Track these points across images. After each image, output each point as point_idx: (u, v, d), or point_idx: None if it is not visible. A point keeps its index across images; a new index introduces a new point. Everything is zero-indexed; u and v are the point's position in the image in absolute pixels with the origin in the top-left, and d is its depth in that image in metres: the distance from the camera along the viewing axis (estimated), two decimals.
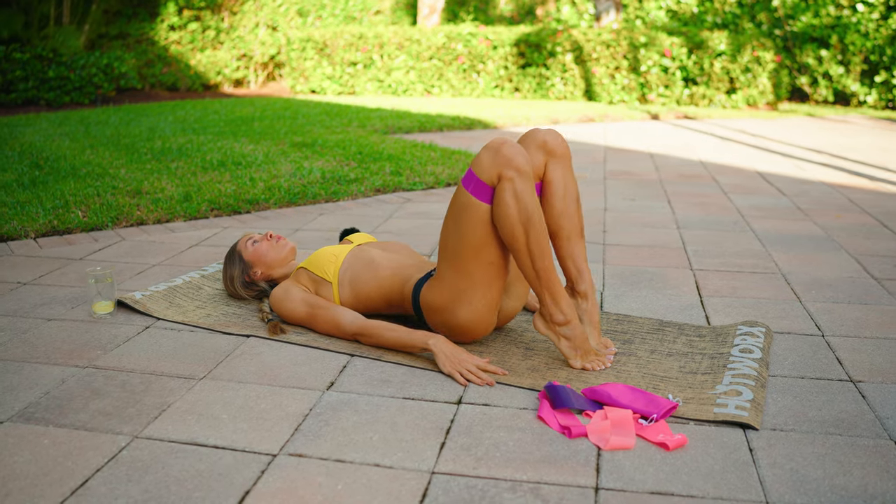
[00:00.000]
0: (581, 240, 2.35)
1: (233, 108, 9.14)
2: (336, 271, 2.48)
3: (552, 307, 2.19)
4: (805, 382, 2.16)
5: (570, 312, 2.21)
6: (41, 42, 10.27)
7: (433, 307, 2.30)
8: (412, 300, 2.37)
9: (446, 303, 2.25)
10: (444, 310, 2.27)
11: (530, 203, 2.10)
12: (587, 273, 2.35)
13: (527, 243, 2.12)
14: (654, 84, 10.45)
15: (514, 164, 2.09)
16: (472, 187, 2.14)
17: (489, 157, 2.11)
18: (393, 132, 7.37)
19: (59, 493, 1.63)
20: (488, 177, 2.11)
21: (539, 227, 2.12)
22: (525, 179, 2.10)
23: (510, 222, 2.10)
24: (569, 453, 1.79)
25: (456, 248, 2.20)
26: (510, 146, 2.11)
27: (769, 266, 3.24)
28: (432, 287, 2.30)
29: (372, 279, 2.46)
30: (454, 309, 2.25)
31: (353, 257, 2.52)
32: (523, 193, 2.09)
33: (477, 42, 11.18)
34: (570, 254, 2.34)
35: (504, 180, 2.09)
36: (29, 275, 3.04)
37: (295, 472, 1.70)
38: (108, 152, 5.72)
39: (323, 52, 11.90)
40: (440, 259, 2.26)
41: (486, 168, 2.11)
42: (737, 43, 10.26)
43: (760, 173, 5.57)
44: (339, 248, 2.57)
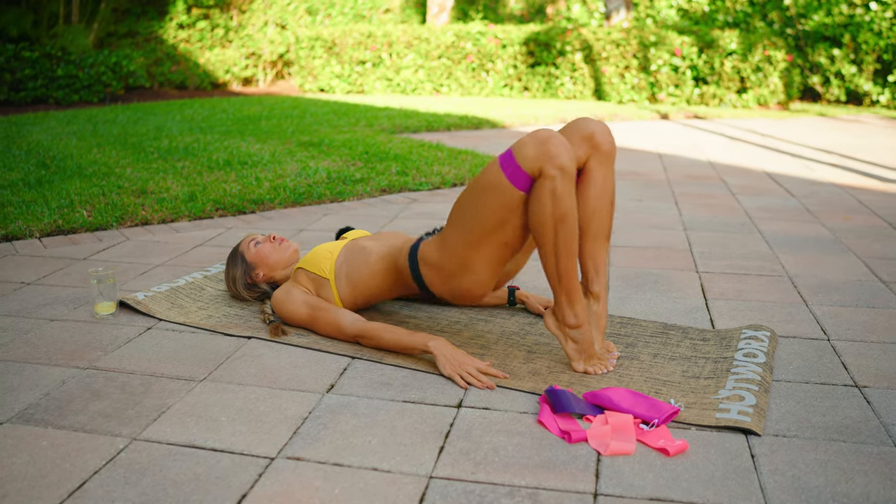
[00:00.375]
0: (606, 242, 2.33)
1: (240, 107, 9.16)
2: (332, 267, 2.49)
3: (566, 309, 2.18)
4: (809, 387, 2.14)
5: (584, 317, 2.20)
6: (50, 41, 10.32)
7: (433, 264, 2.27)
8: (409, 260, 2.33)
9: (448, 266, 2.24)
10: (445, 272, 2.25)
11: (568, 204, 2.06)
12: (604, 276, 2.33)
13: (555, 242, 2.09)
14: (664, 83, 10.41)
15: (558, 163, 2.04)
16: (509, 171, 2.08)
17: (534, 148, 2.05)
18: (400, 131, 7.37)
19: (56, 495, 1.63)
20: (529, 167, 2.06)
21: (571, 228, 2.09)
22: (567, 180, 2.05)
23: (543, 219, 2.07)
24: (568, 458, 1.78)
25: (472, 223, 2.16)
26: (557, 142, 2.05)
27: (776, 268, 3.22)
28: (434, 246, 2.27)
29: (365, 265, 2.45)
30: (456, 274, 2.24)
31: (346, 251, 2.52)
32: (563, 194, 2.05)
33: (486, 41, 11.17)
34: (592, 254, 2.31)
35: (545, 177, 2.04)
36: (33, 275, 3.05)
37: (292, 476, 1.70)
38: (114, 151, 5.74)
39: (332, 50, 11.92)
40: (450, 225, 2.22)
41: (529, 158, 2.05)
42: (748, 42, 10.22)
43: (769, 174, 5.54)
44: (333, 244, 2.58)
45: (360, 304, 2.53)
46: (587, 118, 2.28)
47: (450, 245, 2.23)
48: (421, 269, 2.32)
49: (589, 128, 2.24)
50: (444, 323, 2.59)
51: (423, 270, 2.31)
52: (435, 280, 2.30)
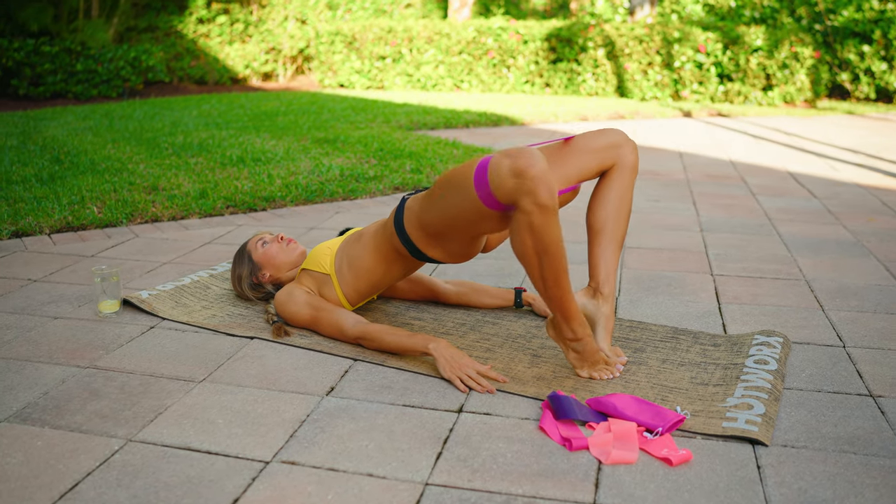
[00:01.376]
0: (619, 248, 2.32)
1: (258, 103, 9.19)
2: (332, 263, 2.48)
3: (563, 325, 2.15)
4: (821, 396, 2.10)
5: (582, 331, 2.15)
6: (70, 35, 10.41)
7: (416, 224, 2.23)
8: (395, 225, 2.28)
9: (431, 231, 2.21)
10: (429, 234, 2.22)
11: (549, 236, 1.94)
12: (613, 280, 2.31)
13: (540, 271, 2.02)
14: (687, 80, 10.31)
15: (534, 199, 1.89)
16: (482, 193, 1.99)
17: (509, 179, 1.90)
18: (418, 128, 7.36)
19: (48, 496, 1.63)
20: (502, 196, 1.94)
21: (554, 258, 1.98)
22: (546, 214, 1.91)
23: (524, 250, 2.00)
24: (568, 467, 1.76)
25: (448, 211, 2.11)
26: (535, 172, 1.88)
27: (793, 272, 3.17)
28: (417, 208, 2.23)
29: (362, 248, 2.43)
30: (440, 239, 2.22)
31: (345, 244, 2.51)
32: (542, 228, 1.93)
33: (507, 36, 11.13)
34: (603, 257, 2.30)
35: (521, 212, 1.92)
36: (40, 272, 3.07)
37: (286, 480, 1.69)
38: (129, 147, 5.78)
39: (352, 45, 11.93)
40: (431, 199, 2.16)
41: (504, 188, 1.92)
42: (774, 38, 10.10)
43: (792, 174, 5.46)
44: (333, 241, 2.58)
45: (364, 292, 2.48)
46: (619, 130, 2.33)
47: (430, 215, 2.18)
48: (407, 230, 2.26)
49: (619, 139, 2.30)
50: (449, 325, 2.58)
51: (409, 231, 2.25)
52: (422, 241, 2.25)
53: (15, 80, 9.59)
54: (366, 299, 2.55)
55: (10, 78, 9.73)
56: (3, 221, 3.64)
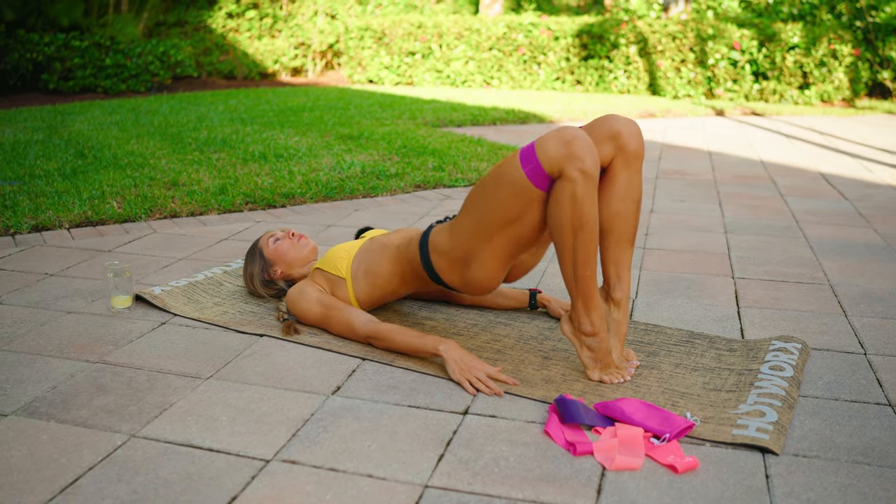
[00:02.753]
0: (630, 247, 2.27)
1: (286, 98, 9.25)
2: (348, 267, 2.48)
3: (583, 315, 2.14)
4: (838, 405, 2.07)
5: (600, 325, 2.15)
6: (100, 30, 10.56)
7: (442, 251, 2.24)
8: (419, 248, 2.30)
9: (458, 254, 2.20)
10: (455, 260, 2.22)
11: (588, 209, 2.01)
12: (627, 282, 2.28)
13: (573, 247, 2.05)
14: (721, 78, 10.20)
15: (580, 165, 1.98)
16: (529, 168, 2.03)
17: (557, 148, 1.99)
18: (444, 125, 7.36)
19: (48, 489, 1.66)
20: (550, 166, 2.00)
21: (590, 235, 2.04)
22: (589, 184, 1.99)
23: (561, 222, 2.03)
24: (571, 472, 1.75)
25: (486, 214, 2.13)
26: (582, 143, 1.99)
27: (817, 276, 3.12)
28: (446, 233, 2.24)
29: (382, 259, 2.44)
30: (466, 263, 2.21)
31: (364, 251, 2.51)
32: (583, 199, 2.00)
33: (538, 32, 11.08)
34: (615, 258, 2.27)
35: (566, 179, 1.99)
36: (56, 266, 3.12)
37: (285, 480, 1.70)
38: (153, 142, 5.85)
39: (381, 41, 11.96)
40: (464, 212, 2.19)
41: (551, 157, 2.00)
42: (812, 35, 9.95)
43: (823, 175, 5.38)
44: (350, 244, 2.58)
45: (376, 301, 2.52)
46: (615, 115, 2.21)
47: (461, 234, 2.19)
48: (431, 257, 2.28)
49: (616, 126, 2.17)
50: (461, 325, 2.57)
51: (433, 258, 2.28)
52: (444, 268, 2.26)
53: (45, 75, 9.75)
54: (375, 307, 2.57)
55: (41, 72, 9.89)
56: (24, 215, 3.71)
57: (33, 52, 9.64)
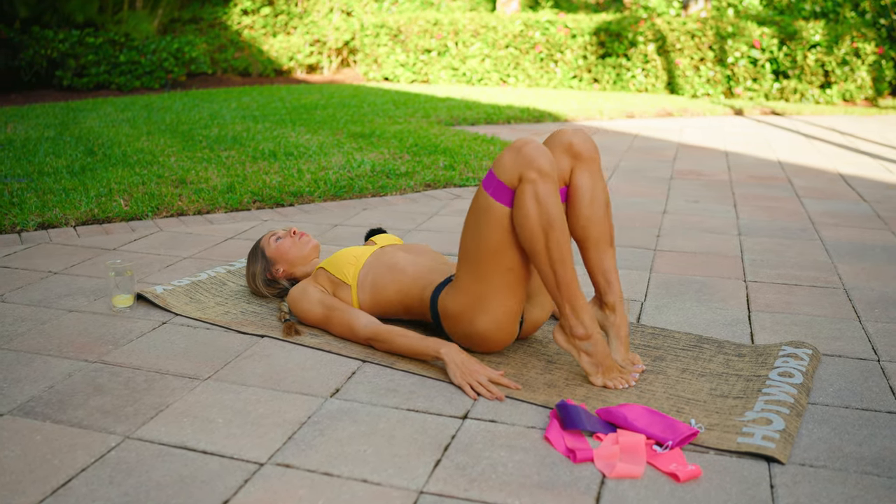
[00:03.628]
0: (610, 248, 2.27)
1: (299, 95, 9.27)
2: (356, 274, 2.47)
3: (572, 319, 2.12)
4: (848, 413, 2.03)
5: (592, 326, 2.13)
6: (114, 27, 10.62)
7: (451, 314, 2.26)
8: (431, 307, 2.33)
9: (464, 309, 2.21)
10: (462, 317, 2.23)
11: (552, 207, 2.04)
12: (616, 284, 2.27)
13: (547, 249, 2.05)
14: (741, 77, 10.12)
15: (535, 165, 2.04)
16: (492, 189, 2.10)
17: (511, 158, 2.07)
18: (457, 123, 7.34)
19: (40, 490, 1.66)
20: (509, 178, 2.07)
21: (560, 232, 2.06)
22: (547, 181, 2.04)
23: (529, 226, 2.05)
24: (570, 479, 1.72)
25: (474, 252, 2.16)
26: (533, 146, 2.06)
27: (832, 280, 3.08)
28: (450, 293, 2.26)
29: (392, 283, 2.43)
30: (472, 316, 2.21)
31: (375, 260, 2.49)
32: (545, 196, 2.04)
33: (555, 30, 11.04)
34: (598, 263, 2.27)
35: (525, 182, 2.05)
36: (61, 264, 3.13)
37: (278, 484, 1.69)
38: (163, 139, 5.87)
39: (397, 38, 11.95)
40: (459, 263, 2.22)
41: (507, 169, 2.07)
42: (834, 33, 9.84)
43: (842, 175, 5.31)
44: (360, 249, 2.56)
45: (375, 313, 2.50)
46: (564, 129, 2.29)
47: (460, 283, 2.22)
48: (442, 321, 2.31)
49: (566, 138, 2.24)
50: None
51: (442, 318, 2.31)
52: (453, 328, 2.29)
53: (59, 72, 9.82)
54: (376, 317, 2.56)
55: (55, 69, 9.96)
56: (31, 213, 3.72)
57: (48, 49, 9.71)
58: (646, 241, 3.59)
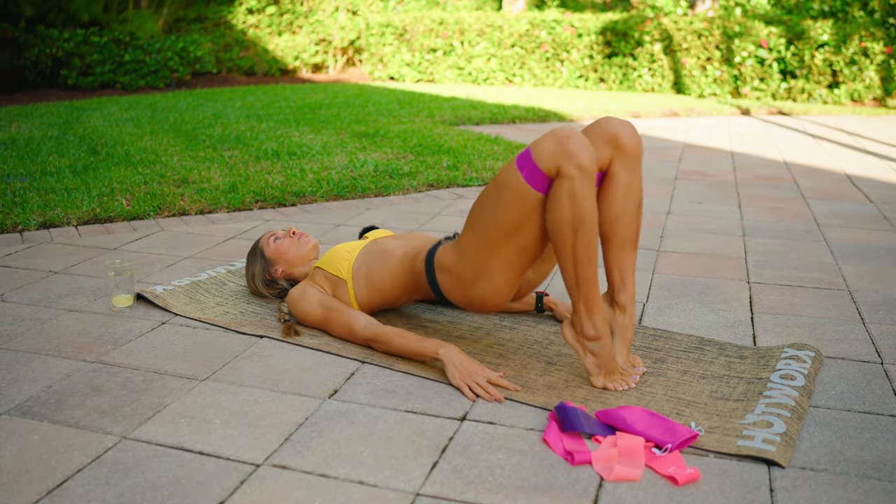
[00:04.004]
0: (633, 250, 2.26)
1: (304, 95, 9.27)
2: (349, 268, 2.47)
3: (585, 319, 2.12)
4: (850, 416, 2.02)
5: (603, 328, 2.13)
6: (119, 26, 10.64)
7: (448, 269, 2.24)
8: (425, 265, 2.30)
9: (464, 272, 2.20)
10: (461, 278, 2.21)
11: (587, 206, 2.01)
12: (631, 286, 2.26)
13: (573, 246, 2.03)
14: (748, 77, 10.09)
15: (577, 161, 1.98)
16: (526, 171, 2.04)
17: (552, 146, 2.01)
18: (462, 123, 7.34)
19: (35, 491, 1.66)
20: (547, 166, 2.01)
21: (590, 233, 2.03)
22: (586, 180, 2.00)
23: (560, 221, 2.02)
24: (568, 482, 1.72)
25: (489, 225, 2.12)
26: (577, 140, 2.00)
27: (836, 281, 3.06)
28: (451, 251, 2.24)
29: (384, 268, 2.43)
30: (472, 281, 2.19)
31: (366, 252, 2.50)
32: (582, 195, 2.00)
33: (561, 29, 11.02)
34: (618, 262, 2.25)
35: (563, 177, 2.00)
36: (61, 264, 3.14)
37: (274, 485, 1.69)
38: (166, 138, 5.88)
39: (402, 37, 11.95)
40: (467, 228, 2.19)
41: (546, 156, 2.01)
42: (842, 33, 9.81)
43: (849, 176, 5.29)
44: (352, 244, 2.56)
45: (376, 306, 2.51)
46: (611, 117, 2.21)
47: (466, 249, 2.19)
48: (437, 275, 2.28)
49: (612, 128, 2.17)
50: (464, 329, 2.55)
51: (438, 276, 2.28)
52: (450, 286, 2.27)
53: (64, 71, 9.85)
54: (376, 311, 2.55)
55: (60, 68, 9.99)
56: (33, 212, 3.73)
57: (53, 48, 9.73)
58: (649, 241, 3.58)
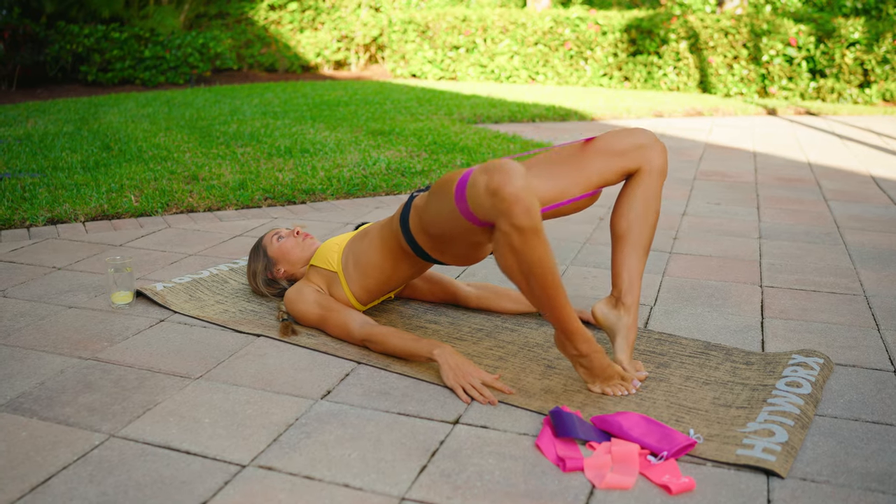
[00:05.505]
0: (644, 255, 2.26)
1: (323, 92, 9.30)
2: (339, 260, 2.46)
3: (566, 342, 2.07)
4: (857, 426, 1.98)
5: (587, 347, 2.06)
6: (140, 22, 10.73)
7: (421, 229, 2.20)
8: (401, 227, 2.25)
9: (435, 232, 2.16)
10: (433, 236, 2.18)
11: (531, 257, 1.86)
12: (637, 290, 2.24)
13: (530, 289, 1.96)
14: (776, 76, 9.97)
15: (513, 220, 1.81)
16: (462, 207, 1.97)
17: (486, 198, 1.84)
18: (480, 121, 7.31)
19: (19, 488, 1.66)
20: (482, 215, 1.91)
21: (542, 277, 1.90)
22: (525, 236, 1.83)
23: (508, 269, 1.94)
24: (558, 489, 1.70)
25: (439, 221, 2.09)
26: (512, 190, 1.80)
27: (852, 286, 3.01)
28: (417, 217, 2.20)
29: (368, 247, 2.40)
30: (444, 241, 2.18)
31: (352, 241, 2.49)
32: (522, 249, 1.85)
33: (585, 27, 10.97)
34: (627, 263, 2.24)
35: (500, 231, 1.86)
36: (65, 260, 3.16)
37: (258, 486, 1.68)
38: (181, 135, 5.91)
39: (425, 34, 11.96)
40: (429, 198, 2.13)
41: (481, 206, 1.88)
42: (875, 31, 9.66)
43: (874, 178, 5.21)
44: (342, 237, 2.56)
45: (372, 292, 2.46)
46: (648, 131, 2.26)
47: (429, 217, 2.15)
48: (414, 236, 2.23)
49: (646, 141, 2.24)
50: (465, 330, 2.53)
51: (416, 237, 2.22)
52: (428, 244, 2.22)
53: (84, 66, 9.95)
54: (377, 299, 2.52)
55: (80, 64, 10.09)
56: (41, 208, 3.76)
57: (73, 44, 9.84)
58: (662, 243, 3.54)
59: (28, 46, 9.73)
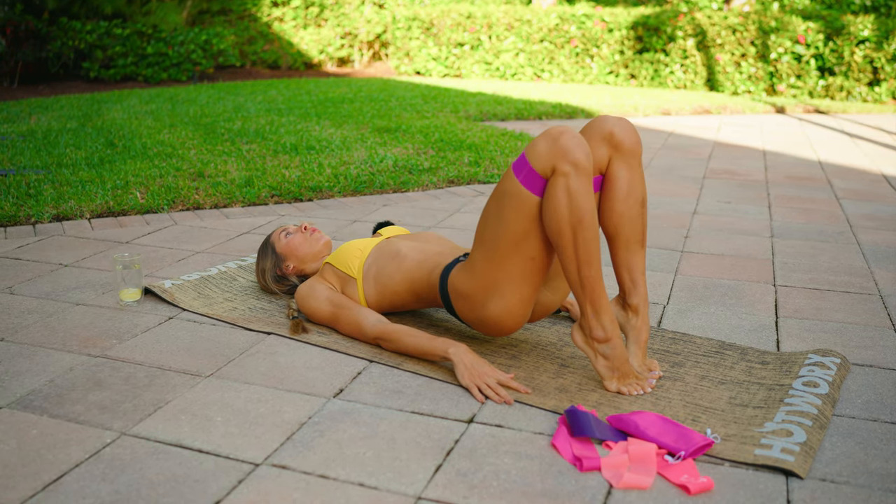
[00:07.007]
0: (641, 249, 2.23)
1: (327, 89, 9.29)
2: (360, 266, 2.46)
3: (593, 321, 2.09)
4: (876, 426, 1.97)
5: (613, 329, 2.09)
6: (143, 18, 10.73)
7: (461, 293, 2.21)
8: (439, 286, 2.29)
9: (476, 292, 2.17)
10: (473, 299, 2.18)
11: (584, 203, 1.99)
12: (642, 286, 2.23)
13: (574, 246, 2.01)
14: (784, 74, 9.95)
15: (571, 158, 1.97)
16: (522, 175, 2.04)
17: (546, 146, 2.00)
18: (486, 119, 7.31)
19: (31, 486, 1.66)
20: (542, 167, 2.01)
21: (590, 230, 2.01)
22: (582, 176, 1.98)
23: (558, 221, 2.00)
24: (575, 489, 1.69)
25: (494, 237, 2.11)
26: (570, 136, 1.99)
27: (867, 286, 3.00)
28: (463, 272, 2.21)
29: (396, 272, 2.41)
30: (484, 300, 2.16)
31: (378, 251, 2.48)
32: (577, 192, 1.98)
33: (591, 24, 10.96)
34: (626, 263, 2.23)
35: (558, 174, 1.98)
36: (72, 256, 3.16)
37: (272, 485, 1.68)
38: (185, 132, 5.91)
39: (429, 31, 11.95)
40: (475, 245, 2.18)
41: (541, 157, 2.01)
42: (884, 28, 9.64)
43: (886, 176, 5.20)
44: (365, 241, 2.54)
45: (385, 308, 2.49)
46: (606, 116, 2.21)
47: (475, 266, 2.17)
48: (451, 298, 2.26)
49: (607, 126, 2.16)
50: None
51: (452, 298, 2.26)
52: (464, 309, 2.24)
53: (87, 63, 9.95)
54: (385, 313, 2.53)
55: (82, 60, 10.09)
56: (46, 205, 3.76)
57: (75, 40, 9.84)
58: (673, 242, 3.53)
59: (30, 43, 9.73)
